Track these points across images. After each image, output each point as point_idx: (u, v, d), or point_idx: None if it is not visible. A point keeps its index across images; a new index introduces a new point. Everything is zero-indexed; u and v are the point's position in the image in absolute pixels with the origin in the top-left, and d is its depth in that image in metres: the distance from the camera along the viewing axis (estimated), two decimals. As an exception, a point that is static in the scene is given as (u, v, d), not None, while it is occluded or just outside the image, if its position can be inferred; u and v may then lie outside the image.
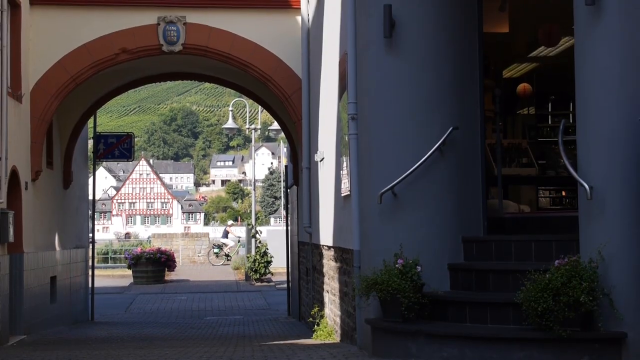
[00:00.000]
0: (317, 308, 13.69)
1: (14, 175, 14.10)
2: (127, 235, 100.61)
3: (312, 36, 14.89)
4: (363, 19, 9.23)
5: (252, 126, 36.85)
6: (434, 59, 8.97)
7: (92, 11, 15.71)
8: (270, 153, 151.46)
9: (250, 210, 37.88)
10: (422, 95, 8.95)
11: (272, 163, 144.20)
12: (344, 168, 10.58)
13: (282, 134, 21.27)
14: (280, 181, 60.82)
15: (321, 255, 13.61)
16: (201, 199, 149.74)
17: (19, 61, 14.70)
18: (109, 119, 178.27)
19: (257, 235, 31.66)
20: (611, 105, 7.01)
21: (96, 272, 21.61)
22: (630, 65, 6.94)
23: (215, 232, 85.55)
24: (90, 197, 21.31)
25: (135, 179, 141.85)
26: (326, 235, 12.83)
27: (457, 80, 9.06)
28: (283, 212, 38.90)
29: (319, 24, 13.63)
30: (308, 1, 15.43)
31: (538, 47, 13.79)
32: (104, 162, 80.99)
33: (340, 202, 11.10)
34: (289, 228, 20.46)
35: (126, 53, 15.82)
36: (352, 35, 9.71)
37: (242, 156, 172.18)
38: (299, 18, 15.86)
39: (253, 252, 30.95)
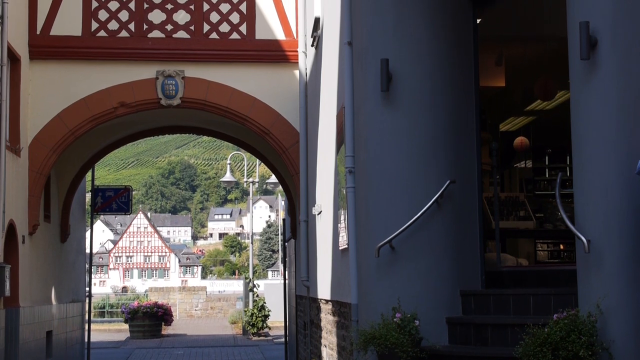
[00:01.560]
0: (314, 362, 13.58)
1: (11, 229, 14.07)
2: (124, 289, 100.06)
3: (310, 90, 14.99)
4: (360, 73, 9.30)
5: (250, 179, 36.91)
6: (431, 112, 9.02)
7: (91, 65, 15.81)
8: (268, 206, 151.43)
9: (248, 264, 37.75)
10: (420, 148, 8.98)
11: (269, 216, 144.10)
12: (342, 221, 10.57)
13: (280, 187, 21.29)
14: (278, 234, 60.89)
15: (319, 309, 13.53)
16: (198, 253, 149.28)
17: (17, 115, 14.76)
18: (107, 172, 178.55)
19: (255, 289, 31.54)
20: (608, 158, 7.03)
21: (93, 326, 21.47)
22: (626, 119, 6.98)
23: (212, 285, 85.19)
24: (88, 251, 21.24)
25: (133, 232, 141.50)
26: (324, 289, 12.77)
27: (454, 134, 9.10)
28: (281, 266, 38.79)
29: (317, 78, 13.72)
30: (306, 55, 15.55)
31: (534, 100, 13.88)
32: (102, 216, 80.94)
33: (338, 255, 11.07)
34: (286, 281, 20.38)
35: (125, 107, 15.89)
36: (350, 89, 9.77)
37: (240, 209, 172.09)
38: (296, 72, 15.97)
39: (250, 306, 30.80)
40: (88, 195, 21.26)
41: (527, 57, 12.69)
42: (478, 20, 9.40)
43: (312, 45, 14.55)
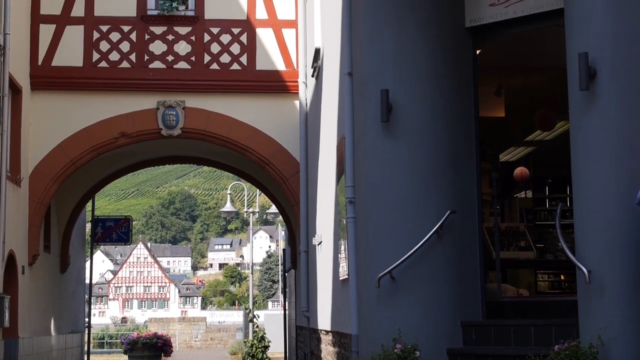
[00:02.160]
0: (315, 394, 13.50)
1: (10, 259, 14.04)
2: (124, 319, 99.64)
3: (310, 120, 15.02)
4: (360, 104, 9.32)
5: (250, 209, 36.86)
6: (431, 142, 9.02)
7: (92, 96, 15.87)
8: (268, 236, 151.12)
9: (248, 294, 37.62)
10: (420, 178, 8.98)
11: (270, 246, 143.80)
12: (342, 251, 10.55)
13: (280, 217, 21.27)
14: (278, 265, 60.65)
15: (319, 340, 13.47)
16: (198, 283, 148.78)
17: (18, 145, 14.78)
18: (107, 202, 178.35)
19: (255, 320, 31.39)
20: (607, 189, 7.03)
21: (92, 357, 21.39)
22: (625, 150, 6.99)
23: (212, 316, 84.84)
24: (87, 281, 21.19)
25: (133, 263, 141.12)
26: (324, 320, 12.73)
27: (454, 164, 9.10)
28: (281, 296, 38.64)
29: (317, 109, 13.75)
30: (306, 86, 15.60)
31: (534, 131, 13.90)
32: (102, 246, 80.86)
33: (339, 285, 11.04)
34: (286, 312, 20.31)
35: (125, 137, 15.93)
36: (350, 119, 9.79)
37: (240, 239, 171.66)
38: (297, 102, 16.01)
39: (250, 337, 30.63)
40: (88, 225, 21.25)
41: (526, 87, 12.73)
42: (477, 51, 9.44)
43: (313, 76, 14.60)
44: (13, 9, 14.04)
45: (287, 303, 20.29)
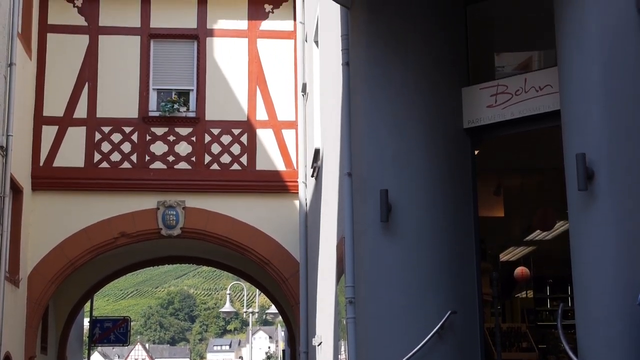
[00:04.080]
0: None
1: (7, 361, 13.89)
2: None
3: (310, 220, 15.03)
4: (360, 204, 9.34)
5: (250, 309, 36.64)
6: (430, 242, 9.01)
7: (93, 196, 15.94)
8: (268, 337, 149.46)
9: (247, 396, 37.01)
10: (420, 278, 8.94)
11: (269, 347, 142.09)
12: (342, 352, 10.43)
13: (280, 318, 21.13)
14: (278, 366, 59.98)
15: None
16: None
17: (18, 245, 14.77)
18: (106, 302, 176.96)
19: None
20: (608, 289, 6.99)
21: None
22: (625, 250, 6.98)
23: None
24: (84, 383, 20.90)
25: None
26: (324, 423, 12.50)
27: (454, 264, 9.07)
28: (280, 398, 38.02)
29: (317, 208, 13.79)
30: (306, 186, 15.67)
31: (534, 231, 13.91)
32: (99, 347, 79.93)
33: (339, 388, 10.88)
34: (286, 415, 19.96)
35: (125, 237, 15.93)
36: (349, 219, 9.80)
37: (239, 340, 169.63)
38: (297, 202, 16.06)
39: None
40: (86, 326, 21.07)
41: (525, 187, 12.79)
42: (476, 152, 9.52)
43: (312, 176, 14.68)
44: (16, 111, 14.23)
45: (286, 406, 19.97)
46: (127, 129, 16.21)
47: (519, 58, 9.97)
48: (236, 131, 16.44)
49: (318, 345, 13.18)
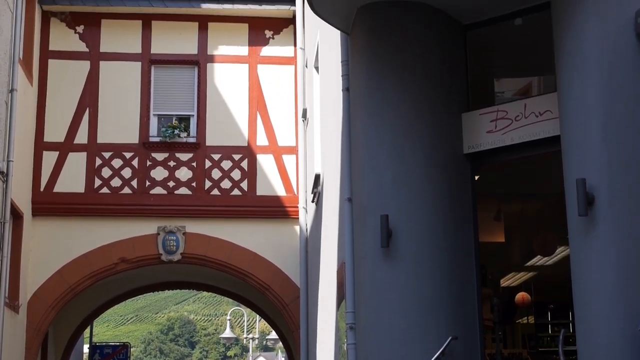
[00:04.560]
0: None
1: (6, 387, 13.82)
2: None
3: (311, 245, 15.02)
4: (360, 229, 9.33)
5: (250, 335, 36.52)
6: (431, 268, 8.99)
7: (93, 221, 15.92)
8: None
9: (247, 423, 36.81)
10: (421, 304, 8.91)
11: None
12: (343, 379, 10.39)
13: (280, 344, 21.06)
14: (278, 392, 59.67)
15: None
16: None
17: (18, 271, 14.74)
18: (106, 328, 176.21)
19: None
20: (609, 314, 6.97)
21: None
22: (626, 275, 6.96)
23: None
24: (83, 410, 20.80)
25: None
26: None
27: (455, 289, 9.04)
28: None
29: (317, 234, 13.78)
30: (306, 211, 15.66)
31: (534, 256, 13.89)
32: (99, 373, 79.56)
33: (339, 414, 10.82)
34: None
35: (125, 262, 15.91)
36: (350, 245, 9.79)
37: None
38: (297, 227, 16.05)
39: None
40: (86, 352, 20.99)
41: (525, 213, 12.79)
42: (476, 177, 9.52)
43: (313, 201, 14.68)
44: (17, 136, 14.25)
45: None
46: (128, 155, 16.23)
47: (519, 83, 10.01)
48: (237, 156, 16.46)
49: (318, 372, 13.13)
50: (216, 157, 16.40)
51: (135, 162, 16.23)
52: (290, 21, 16.84)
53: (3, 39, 13.79)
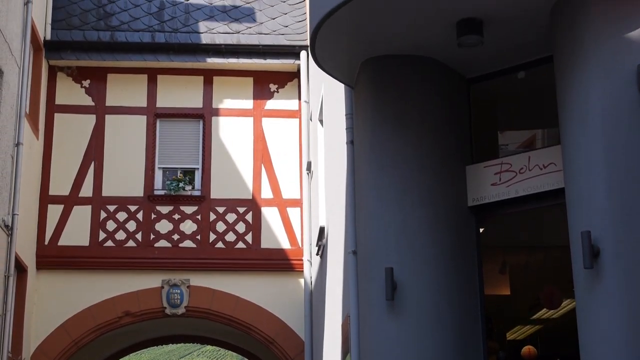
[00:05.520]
0: None
1: None
2: None
3: (315, 298, 14.96)
4: (365, 282, 9.30)
5: (254, 390, 36.22)
6: (436, 321, 8.94)
7: (97, 275, 15.88)
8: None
9: None
10: (426, 357, 8.84)
11: None
12: None
13: (285, 398, 20.90)
14: None
15: None
16: None
17: (21, 325, 14.67)
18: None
19: None
20: (617, 368, 6.92)
21: None
22: (632, 329, 6.92)
23: None
24: None
25: None
26: None
27: (461, 343, 8.98)
28: None
29: (322, 286, 13.73)
30: (311, 264, 15.63)
31: (541, 309, 13.81)
32: None
33: None
34: None
35: (129, 316, 15.84)
36: (355, 297, 9.75)
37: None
38: (301, 280, 16.00)
39: None
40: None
41: (531, 265, 12.74)
42: (481, 229, 9.51)
43: (317, 254, 14.65)
44: (22, 190, 14.28)
45: None
46: (133, 208, 16.24)
47: (523, 136, 10.05)
48: (241, 209, 16.46)
49: None
50: (221, 209, 16.41)
51: (140, 215, 16.23)
52: (295, 75, 16.97)
53: (10, 94, 13.89)
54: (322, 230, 13.80)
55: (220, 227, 16.33)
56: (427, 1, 8.20)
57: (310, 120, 16.13)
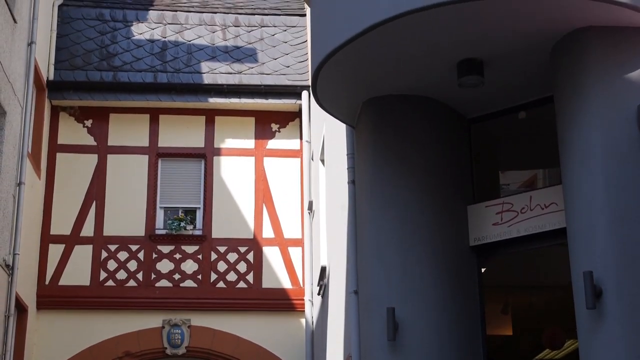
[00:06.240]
0: None
1: None
2: None
3: (316, 338, 14.89)
4: (366, 322, 9.26)
5: None
6: (438, 362, 8.90)
7: (98, 315, 15.82)
8: None
9: None
10: (428, 399, 8.79)
11: None
12: None
13: None
14: None
15: None
16: None
17: (21, 365, 14.60)
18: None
19: None
20: (621, 409, 6.87)
21: None
22: (636, 369, 6.89)
23: None
24: None
25: None
26: None
27: (463, 384, 8.93)
28: None
29: (323, 326, 13.67)
30: (312, 304, 15.58)
31: (543, 349, 13.73)
32: None
33: None
34: None
35: (130, 356, 15.77)
36: (356, 337, 9.71)
37: None
38: (303, 320, 15.94)
39: None
40: None
41: (533, 305, 12.69)
42: (482, 269, 9.49)
43: (319, 294, 14.61)
44: (24, 229, 14.27)
45: None
46: (134, 247, 16.23)
47: (524, 176, 10.06)
48: (242, 249, 16.44)
49: None
50: (222, 249, 16.39)
51: (141, 255, 16.21)
52: (297, 114, 17.03)
53: (12, 134, 13.94)
54: (323, 269, 13.77)
55: (222, 266, 16.30)
56: (428, 43, 8.24)
57: (312, 159, 16.16)
